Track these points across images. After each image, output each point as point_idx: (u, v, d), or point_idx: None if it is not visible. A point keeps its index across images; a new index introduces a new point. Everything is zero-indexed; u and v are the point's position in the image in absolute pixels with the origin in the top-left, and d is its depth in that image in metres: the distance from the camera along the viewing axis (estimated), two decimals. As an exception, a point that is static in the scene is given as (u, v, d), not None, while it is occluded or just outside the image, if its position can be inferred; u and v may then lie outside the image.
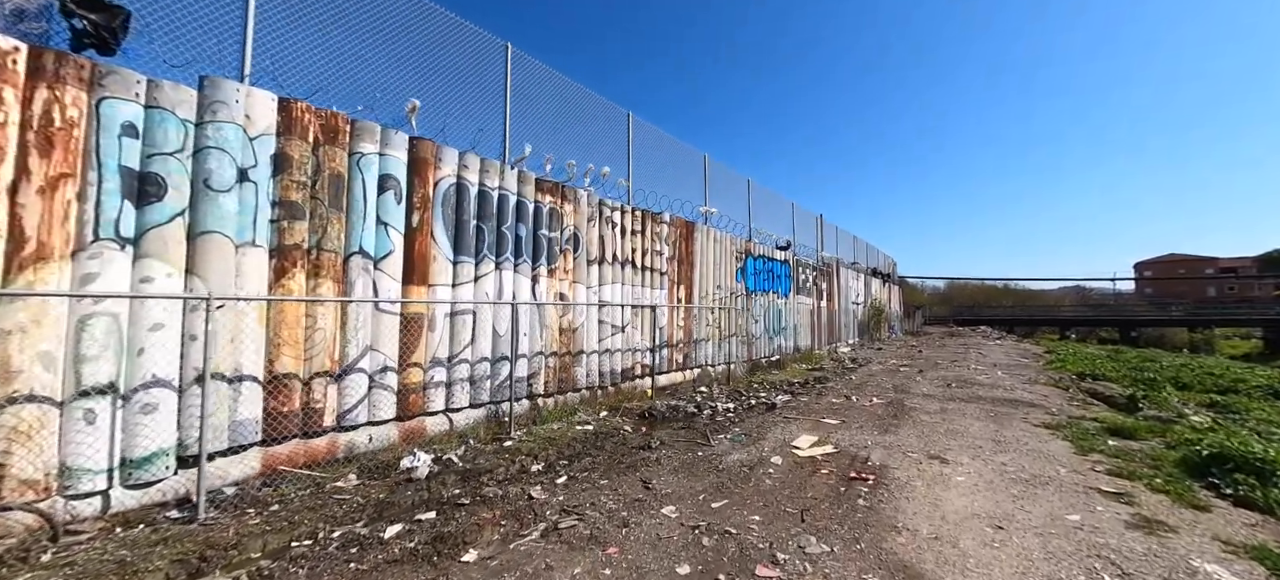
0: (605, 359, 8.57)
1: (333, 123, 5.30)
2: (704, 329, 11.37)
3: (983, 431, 6.31)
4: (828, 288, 19.60)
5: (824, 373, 12.49)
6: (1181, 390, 14.10)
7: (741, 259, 13.15)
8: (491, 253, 6.78)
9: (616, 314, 8.86)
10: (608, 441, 6.00)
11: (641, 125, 10.32)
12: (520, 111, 7.63)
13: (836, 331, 20.28)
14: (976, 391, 9.44)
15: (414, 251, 5.92)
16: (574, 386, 7.97)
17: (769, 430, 6.33)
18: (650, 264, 9.80)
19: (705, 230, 11.58)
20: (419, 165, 6.02)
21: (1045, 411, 7.75)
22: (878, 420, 6.93)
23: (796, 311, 16.21)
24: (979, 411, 7.60)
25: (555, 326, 7.65)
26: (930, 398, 8.78)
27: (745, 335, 13.03)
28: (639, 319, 9.36)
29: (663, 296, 10.09)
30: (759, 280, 14.00)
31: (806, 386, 10.19)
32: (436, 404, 6.12)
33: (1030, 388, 10.16)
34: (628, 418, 7.38)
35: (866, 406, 8.00)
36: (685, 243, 10.86)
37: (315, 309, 5.08)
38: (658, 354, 9.85)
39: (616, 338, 8.83)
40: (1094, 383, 12.20)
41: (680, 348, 10.53)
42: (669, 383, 10.10)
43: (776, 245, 15.65)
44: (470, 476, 4.80)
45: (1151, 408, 9.24)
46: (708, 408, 8.01)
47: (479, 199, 6.69)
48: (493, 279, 6.80)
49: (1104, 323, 50.05)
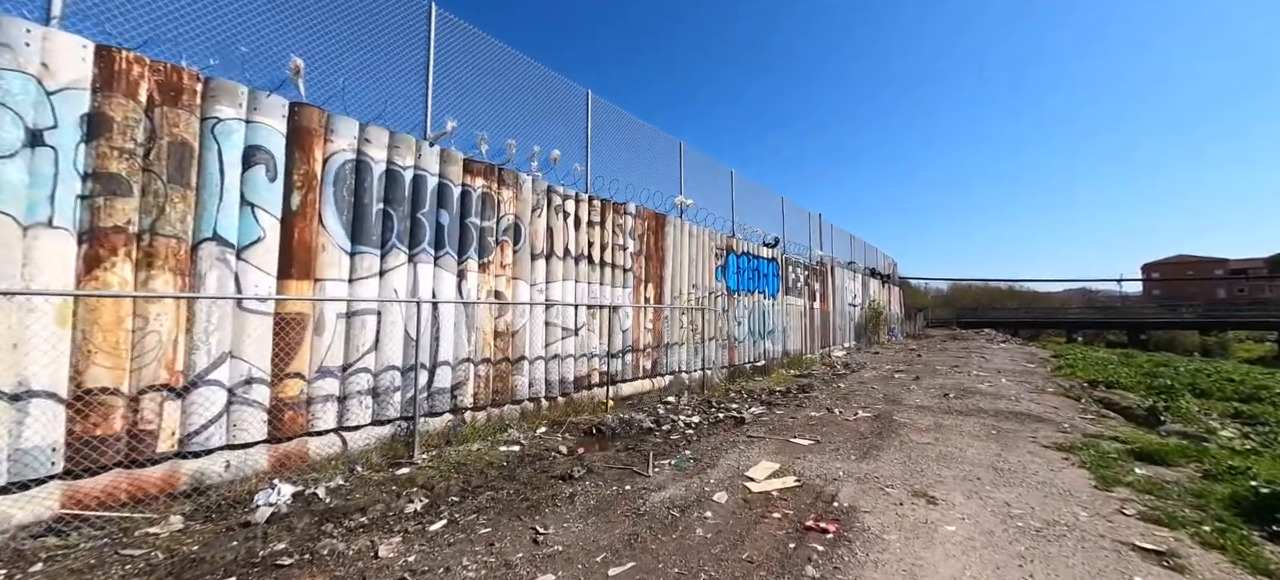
0: (554, 366, 7.55)
1: (175, 80, 4.32)
2: (677, 332, 10.34)
3: (982, 455, 5.25)
4: (821, 288, 18.54)
5: (811, 380, 11.43)
6: (1201, 398, 12.97)
7: (722, 256, 12.12)
8: (402, 243, 5.78)
9: (568, 315, 7.84)
10: (529, 467, 4.98)
11: (605, 107, 9.32)
12: (448, 83, 6.63)
13: (831, 334, 19.20)
14: (977, 402, 8.37)
15: (294, 239, 4.92)
16: (513, 398, 6.96)
17: (725, 453, 5.29)
18: (612, 260, 8.78)
19: (679, 223, 10.56)
20: (303, 136, 5.03)
21: (1055, 427, 6.69)
22: (859, 440, 5.88)
23: (785, 313, 15.15)
24: (979, 428, 6.54)
25: (488, 329, 6.64)
26: (924, 410, 7.72)
27: (726, 339, 11.99)
28: (597, 321, 8.34)
29: (627, 296, 9.07)
30: (743, 279, 12.96)
31: (788, 396, 9.14)
32: (325, 421, 5.11)
33: (1037, 397, 9.08)
34: (571, 435, 6.37)
35: (849, 421, 6.95)
36: (655, 237, 9.84)
37: (148, 307, 4.09)
38: (620, 360, 8.82)
39: (568, 342, 7.81)
40: (1107, 391, 11.11)
41: (648, 353, 9.50)
42: (634, 392, 9.07)
43: (764, 242, 14.61)
44: (327, 518, 3.78)
45: (1175, 421, 8.17)
46: (668, 422, 6.99)
47: (387, 179, 5.69)
48: (404, 273, 5.80)
49: (1112, 325, 48.65)
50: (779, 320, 14.73)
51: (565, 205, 7.94)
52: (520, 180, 7.24)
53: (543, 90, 8.14)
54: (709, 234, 11.65)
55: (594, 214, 8.46)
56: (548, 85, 8.24)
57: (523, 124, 7.71)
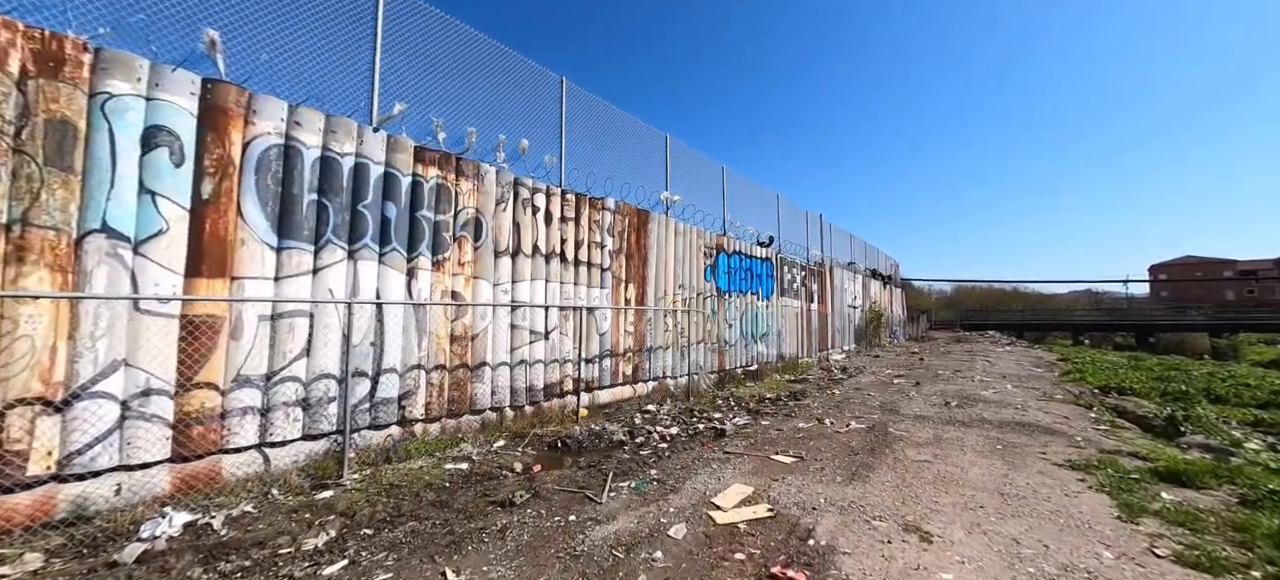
0: (520, 372, 6.97)
1: (56, 49, 3.77)
2: (661, 335, 9.75)
3: (987, 476, 4.64)
4: (819, 289, 17.92)
5: (805, 386, 10.82)
6: (1217, 404, 12.30)
7: (712, 255, 11.52)
8: (340, 238, 5.21)
9: (538, 317, 7.27)
10: (472, 490, 4.40)
11: (582, 97, 8.76)
12: (399, 65, 6.08)
13: (829, 337, 18.56)
14: (981, 412, 7.74)
15: (206, 233, 4.36)
16: (472, 407, 6.38)
17: (696, 473, 4.69)
18: (588, 258, 8.21)
19: (664, 221, 9.98)
20: (217, 117, 4.47)
21: (1068, 441, 6.06)
22: (848, 456, 5.27)
23: (780, 315, 14.54)
24: (983, 442, 5.92)
25: (443, 332, 6.07)
26: (923, 421, 7.10)
27: (715, 342, 11.39)
28: (570, 323, 7.76)
29: (605, 297, 8.49)
30: (734, 280, 12.36)
31: (777, 404, 8.54)
32: (244, 437, 4.54)
33: (1046, 406, 8.45)
34: (533, 449, 5.79)
35: (840, 433, 6.35)
36: (637, 234, 9.26)
37: (17, 309, 3.53)
38: (597, 365, 8.24)
39: (537, 346, 7.23)
40: (1120, 398, 10.45)
41: (629, 357, 8.91)
42: (612, 399, 8.48)
43: (758, 241, 14.01)
44: (213, 556, 3.21)
45: (1195, 431, 7.53)
46: (644, 433, 6.41)
47: (322, 168, 5.13)
48: (343, 271, 5.23)
49: (1119, 327, 47.77)
50: (773, 323, 14.11)
51: (535, 199, 7.37)
52: (482, 171, 6.67)
53: (512, 77, 7.57)
54: (697, 232, 11.06)
55: (568, 209, 7.88)
56: (517, 72, 7.67)
57: (488, 113, 7.15)
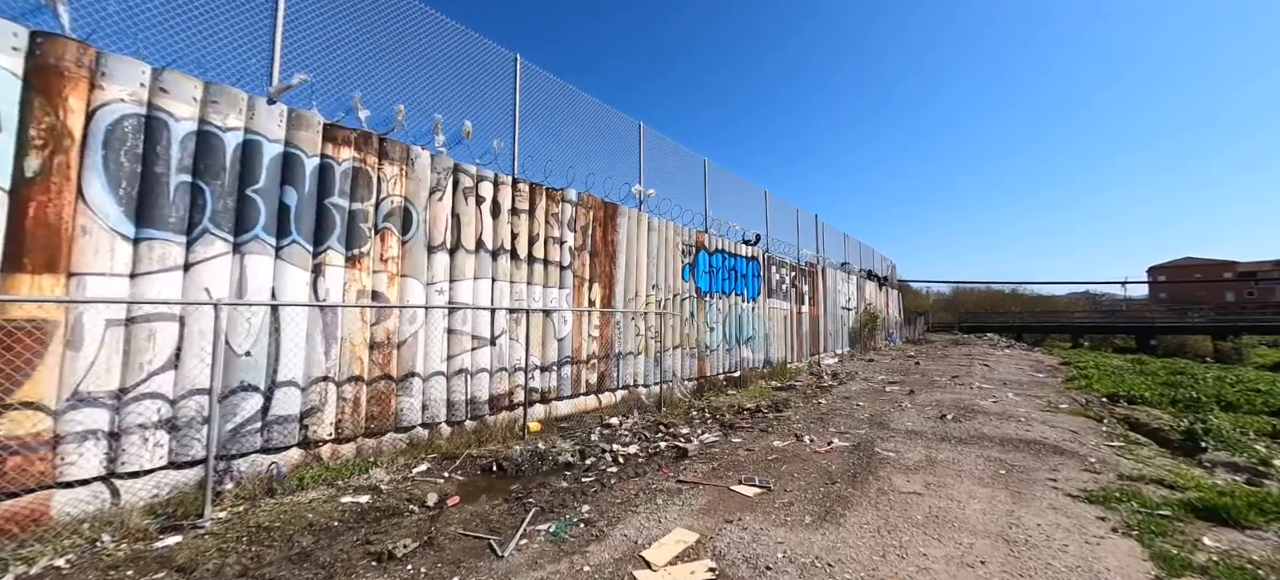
0: (460, 383, 6.15)
1: None
2: (632, 340, 8.94)
3: (989, 514, 3.84)
4: (811, 291, 17.13)
5: (790, 394, 10.01)
6: (1229, 412, 11.53)
7: (691, 253, 10.73)
8: (222, 227, 4.40)
9: (483, 321, 6.46)
10: (360, 532, 3.59)
11: (542, 78, 7.96)
12: (312, 34, 5.28)
13: (821, 341, 17.76)
14: (980, 426, 6.94)
15: (30, 218, 3.54)
16: (398, 424, 5.56)
17: (635, 510, 3.88)
18: (545, 255, 7.40)
19: (634, 215, 9.18)
20: (50, 78, 3.67)
21: (1080, 463, 5.27)
22: (824, 486, 4.46)
23: (768, 318, 13.74)
24: (983, 466, 5.12)
25: (359, 338, 5.25)
26: (915, 438, 6.30)
27: (694, 347, 10.58)
28: (522, 328, 6.95)
29: (565, 298, 7.68)
30: (717, 280, 11.57)
31: (755, 416, 7.73)
32: (85, 467, 3.72)
33: (1052, 418, 7.65)
34: (462, 473, 4.98)
35: (820, 453, 5.54)
36: (603, 229, 8.46)
37: None
38: (555, 374, 7.42)
39: (482, 353, 6.41)
40: (1130, 407, 9.66)
41: (593, 364, 8.10)
42: (573, 411, 7.67)
43: (743, 239, 13.23)
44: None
45: (1218, 447, 6.76)
46: (597, 452, 5.61)
47: (198, 144, 4.32)
48: (224, 267, 4.42)
49: (1120, 329, 47.08)
50: (760, 326, 13.31)
51: (479, 188, 6.57)
52: (412, 155, 5.87)
53: (458, 53, 6.78)
54: (674, 228, 10.26)
55: (521, 200, 7.08)
56: (464, 47, 6.87)
57: (428, 92, 6.36)
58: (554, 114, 8.17)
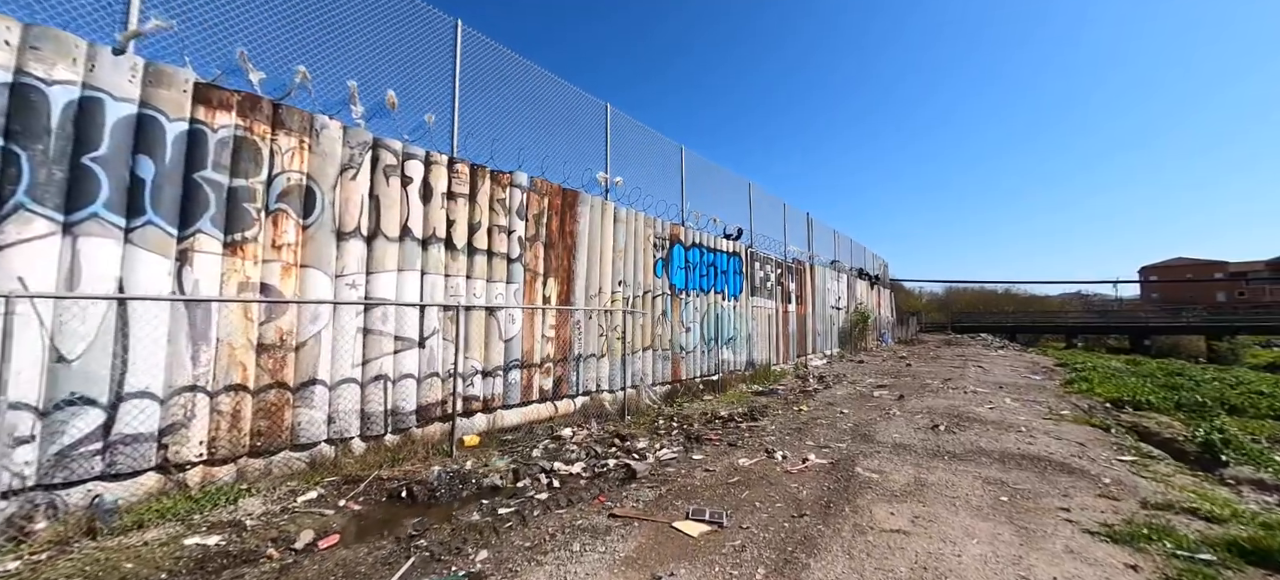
0: (377, 392, 5.30)
1: None
2: (595, 341, 8.12)
3: (992, 561, 3.05)
4: (798, 289, 16.37)
5: (770, 400, 9.23)
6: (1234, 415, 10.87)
7: (665, 247, 9.92)
8: (45, 203, 3.54)
9: (410, 320, 5.61)
10: (178, 594, 2.75)
11: (488, 48, 7.12)
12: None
13: (809, 341, 17.01)
14: (977, 438, 6.16)
15: None
16: (295, 441, 4.71)
17: (540, 561, 3.05)
18: (489, 246, 6.57)
19: (599, 205, 8.36)
20: None
21: (1094, 486, 4.50)
22: (790, 520, 3.66)
23: (751, 317, 12.96)
24: (982, 490, 4.34)
25: (242, 340, 4.40)
26: (903, 452, 5.51)
27: (667, 348, 9.77)
28: (460, 327, 6.11)
29: (514, 294, 6.85)
30: (694, 277, 10.76)
31: (728, 425, 6.93)
32: None
33: (1055, 427, 6.89)
34: (361, 502, 4.15)
35: (790, 475, 4.74)
36: (561, 218, 7.63)
37: None
38: (499, 379, 6.59)
39: (407, 356, 5.57)
40: (1136, 413, 8.94)
41: (547, 368, 7.27)
42: (523, 420, 6.83)
43: (724, 233, 12.44)
44: None
45: (1239, 460, 6.06)
46: (532, 473, 4.79)
47: (10, 100, 3.46)
48: (48, 250, 3.56)
49: (1113, 330, 46.75)
50: (742, 325, 12.52)
51: (406, 167, 5.72)
52: (318, 126, 5.02)
53: (384, 13, 5.92)
54: (645, 220, 9.45)
55: (459, 183, 6.24)
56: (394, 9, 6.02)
57: (345, 58, 5.51)
58: (505, 91, 7.33)
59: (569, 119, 8.36)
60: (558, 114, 8.17)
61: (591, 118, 8.93)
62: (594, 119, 8.95)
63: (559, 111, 8.20)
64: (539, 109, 7.81)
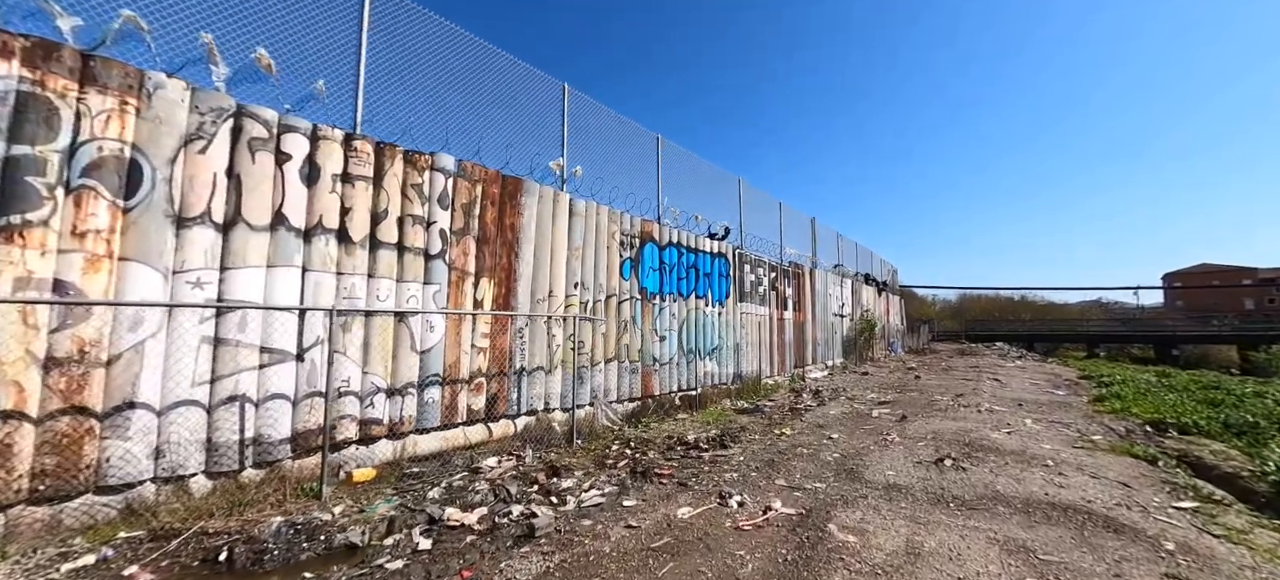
0: (230, 416, 4.25)
1: None
2: (543, 352, 7.02)
3: None
4: (796, 295, 15.16)
5: (752, 419, 8.05)
6: (1288, 436, 9.47)
7: (634, 246, 8.82)
8: None
9: (282, 328, 4.57)
10: None
11: (408, 9, 6.11)
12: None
13: (808, 351, 15.75)
14: (994, 477, 4.94)
15: None
16: (100, 483, 3.67)
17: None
18: (400, 239, 5.52)
19: (550, 196, 7.29)
20: None
21: (1154, 553, 3.29)
22: (717, 616, 2.52)
23: (739, 325, 11.78)
24: (1000, 564, 3.15)
25: (19, 351, 3.37)
26: (896, 498, 4.32)
27: (636, 359, 8.64)
28: (356, 334, 5.06)
29: (435, 296, 5.78)
30: (670, 279, 9.64)
31: (689, 455, 5.78)
32: None
33: (1090, 459, 5.64)
34: (152, 572, 3.08)
35: (737, 537, 3.58)
36: (498, 210, 6.58)
37: None
38: (414, 397, 5.52)
39: (277, 372, 4.52)
40: (1182, 438, 7.61)
41: (479, 384, 6.19)
42: (443, 447, 5.75)
43: (710, 232, 11.32)
44: None
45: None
46: (410, 526, 3.72)
47: None
48: None
49: (1138, 338, 44.55)
50: (729, 334, 11.34)
51: (282, 142, 4.71)
52: (151, 84, 4.02)
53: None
54: (610, 214, 8.36)
55: (359, 163, 5.21)
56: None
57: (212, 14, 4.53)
58: (433, 65, 6.31)
59: (513, 100, 7.32)
60: (500, 93, 7.15)
61: (546, 100, 7.89)
62: (549, 102, 7.92)
63: (501, 90, 7.17)
64: (474, 89, 6.78)
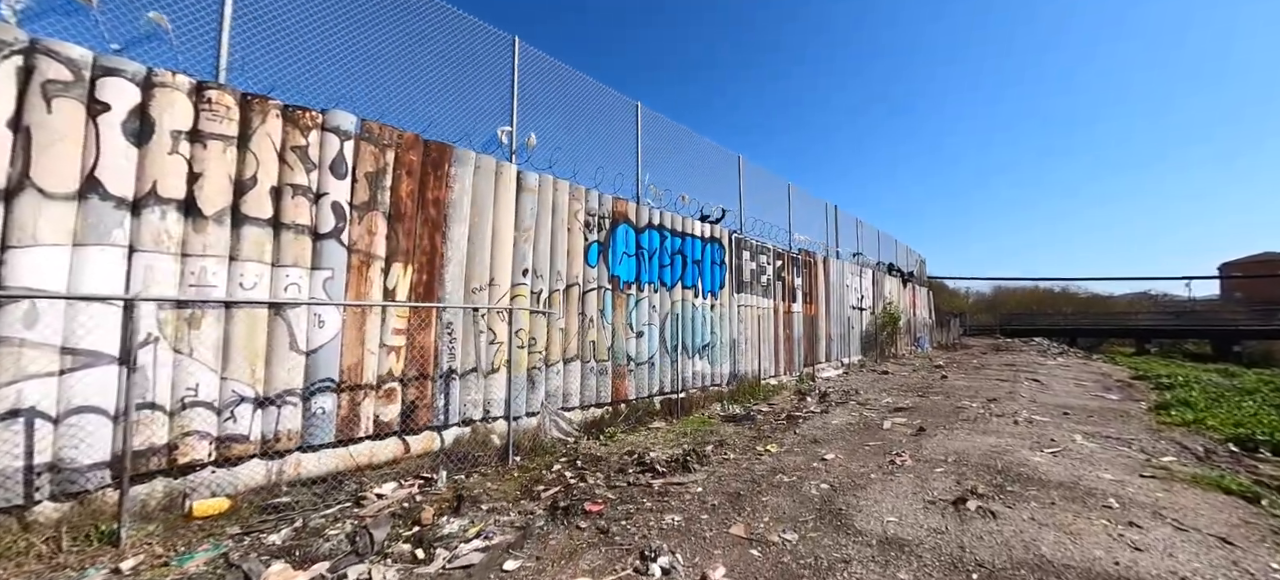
0: (10, 437, 3.29)
1: None
2: (484, 351, 5.94)
3: None
4: (806, 285, 13.74)
5: (739, 429, 6.82)
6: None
7: (603, 228, 7.65)
8: None
9: (89, 323, 3.58)
10: None
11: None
12: None
13: (821, 347, 14.32)
14: (1036, 530, 3.62)
15: None
16: None
17: None
18: (277, 214, 4.49)
19: (489, 166, 6.18)
20: None
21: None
22: None
23: (736, 319, 10.49)
24: None
25: None
26: (895, 562, 3.07)
27: (606, 358, 7.49)
28: (212, 331, 4.06)
29: (326, 284, 4.74)
30: (651, 267, 8.44)
31: (638, 481, 4.61)
32: None
33: (1167, 496, 4.24)
34: None
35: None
36: (418, 181, 5.50)
37: None
38: (297, 409, 4.49)
39: (85, 379, 3.53)
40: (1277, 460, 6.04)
41: (392, 391, 5.13)
42: (337, 467, 4.71)
43: (702, 214, 10.06)
44: None
45: None
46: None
47: None
48: None
49: (1193, 334, 41.11)
50: (722, 329, 10.08)
51: (98, 88, 3.70)
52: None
53: None
54: (571, 190, 7.20)
55: (214, 119, 4.17)
56: None
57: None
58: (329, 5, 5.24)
59: (454, 57, 6.21)
60: (436, 49, 6.05)
61: (493, 58, 6.75)
62: (497, 58, 6.78)
63: (438, 46, 6.06)
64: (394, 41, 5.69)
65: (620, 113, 8.75)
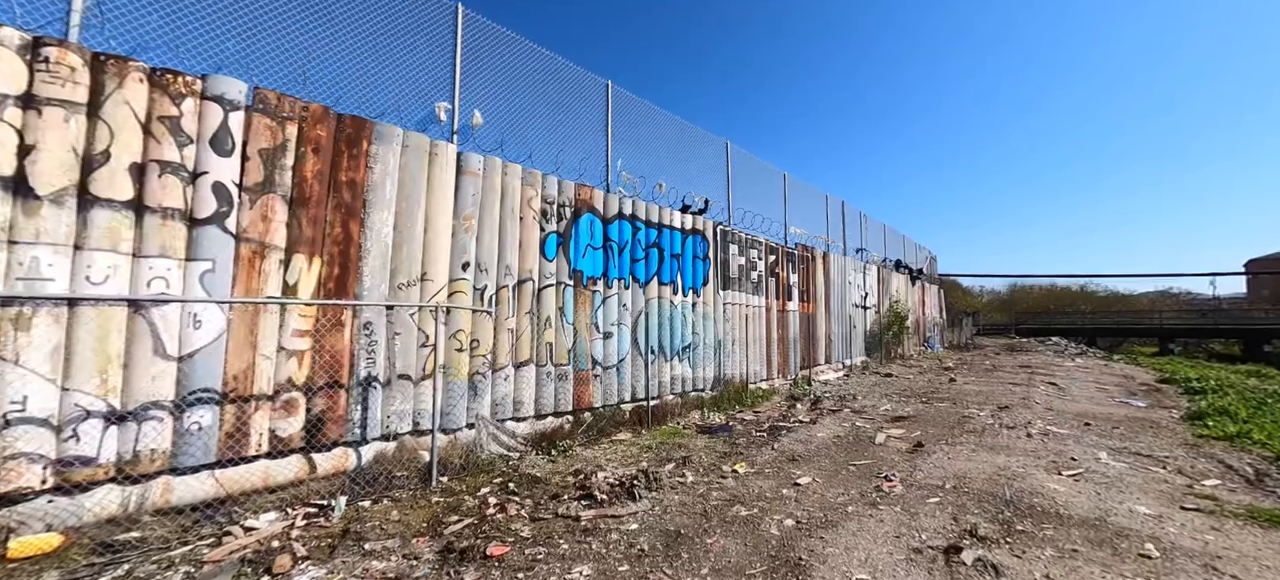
0: None
1: None
2: (414, 355, 5.23)
3: None
4: (804, 282, 12.88)
5: (709, 442, 6.04)
6: None
7: (563, 217, 6.90)
8: None
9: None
10: None
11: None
12: None
13: (820, 348, 13.45)
14: None
15: None
16: None
17: None
18: (139, 195, 3.81)
19: (418, 144, 5.45)
20: None
21: None
22: None
23: (722, 318, 9.69)
24: None
25: None
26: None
27: (566, 362, 6.74)
28: (40, 333, 3.38)
29: (205, 277, 4.06)
30: (622, 261, 7.68)
31: (566, 513, 3.86)
32: None
33: (1219, 538, 3.39)
34: None
35: None
36: (329, 161, 4.80)
37: None
38: (169, 423, 3.81)
39: None
40: (1345, 484, 5.09)
41: (294, 403, 4.44)
42: (218, 493, 4.01)
43: (683, 204, 9.28)
44: None
45: None
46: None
47: None
48: None
49: (1220, 333, 39.31)
50: (707, 329, 9.28)
51: (-116, 35, 3.03)
52: None
53: None
54: (523, 174, 6.47)
55: (51, 82, 3.50)
56: None
57: None
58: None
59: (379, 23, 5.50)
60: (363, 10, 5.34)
61: (435, 23, 6.04)
62: (438, 23, 6.06)
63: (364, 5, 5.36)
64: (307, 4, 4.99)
65: (589, 92, 8.00)
